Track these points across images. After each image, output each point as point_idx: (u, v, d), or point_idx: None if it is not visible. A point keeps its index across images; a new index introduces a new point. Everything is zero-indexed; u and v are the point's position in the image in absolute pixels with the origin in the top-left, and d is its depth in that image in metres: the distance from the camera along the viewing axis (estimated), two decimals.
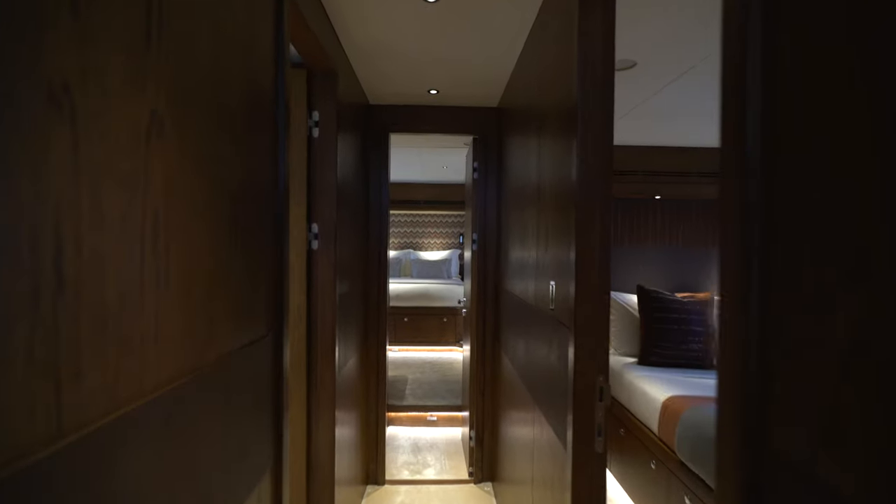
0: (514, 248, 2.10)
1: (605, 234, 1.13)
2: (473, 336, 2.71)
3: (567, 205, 1.20)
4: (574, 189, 1.13)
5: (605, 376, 1.10)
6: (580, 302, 1.10)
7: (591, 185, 1.12)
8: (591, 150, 1.11)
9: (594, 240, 1.12)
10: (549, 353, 1.37)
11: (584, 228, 1.12)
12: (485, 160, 2.68)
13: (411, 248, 6.65)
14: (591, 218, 1.12)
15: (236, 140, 0.81)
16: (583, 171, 1.11)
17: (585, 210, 1.12)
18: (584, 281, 1.11)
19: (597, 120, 1.11)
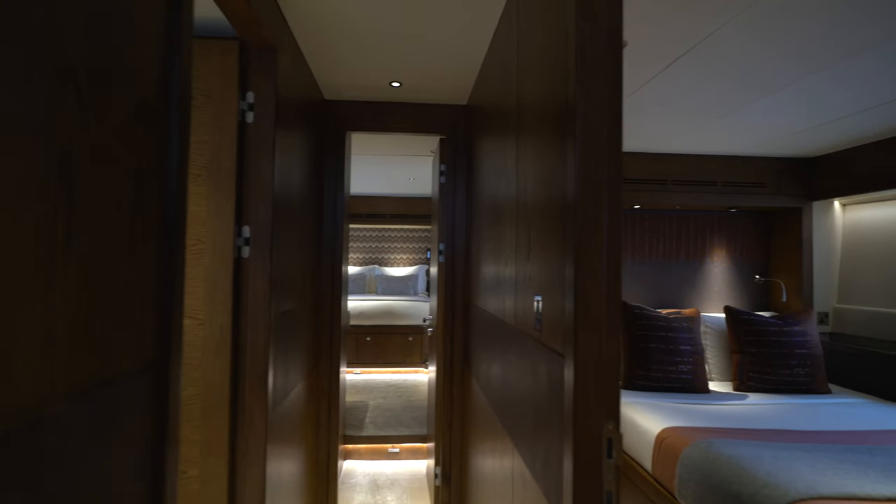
0: (487, 259, 1.82)
1: (615, 242, 0.86)
2: (440, 359, 2.40)
3: (560, 213, 0.94)
4: (571, 199, 0.87)
5: (615, 423, 0.81)
6: (583, 324, 0.82)
7: (595, 194, 0.85)
8: (594, 152, 0.85)
9: (600, 246, 0.85)
10: (535, 386, 1.08)
11: (586, 233, 0.85)
12: (453, 163, 2.41)
13: (376, 263, 6.29)
14: (595, 224, 0.85)
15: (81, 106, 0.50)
16: (584, 176, 0.85)
17: (589, 217, 0.85)
18: (587, 297, 0.83)
19: (603, 121, 0.85)
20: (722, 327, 2.72)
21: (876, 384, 2.54)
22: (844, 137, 2.50)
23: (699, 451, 1.61)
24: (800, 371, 2.40)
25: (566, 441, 0.84)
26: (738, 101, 1.98)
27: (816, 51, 1.58)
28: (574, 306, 0.83)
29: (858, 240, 2.84)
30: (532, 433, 1.10)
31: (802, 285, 2.87)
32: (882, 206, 2.73)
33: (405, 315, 4.85)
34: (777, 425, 1.89)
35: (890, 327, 2.58)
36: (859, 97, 1.95)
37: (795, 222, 2.93)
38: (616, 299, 0.83)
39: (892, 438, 1.77)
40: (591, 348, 0.82)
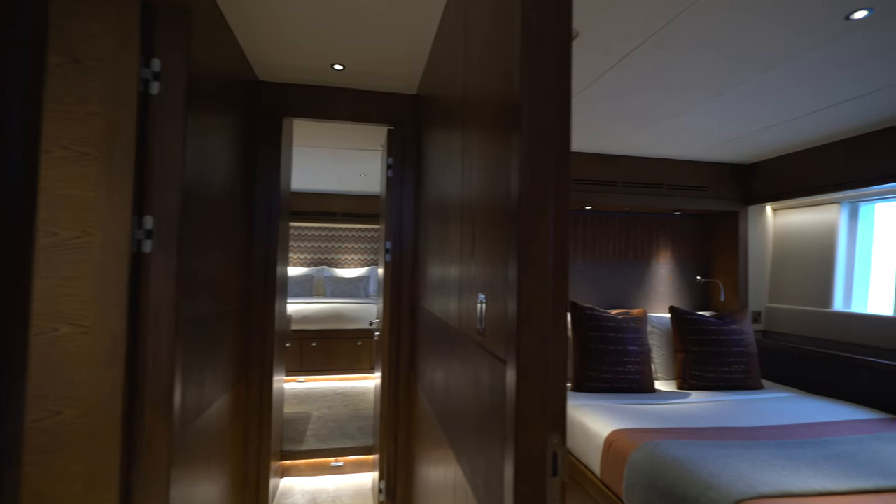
0: (433, 258, 1.71)
1: (562, 240, 0.77)
2: (385, 364, 2.26)
3: (505, 210, 0.84)
4: (515, 196, 0.77)
5: (561, 435, 0.72)
6: (526, 326, 0.73)
7: (541, 191, 0.76)
8: (540, 147, 0.76)
9: (545, 244, 0.76)
10: (477, 395, 0.98)
11: (530, 231, 0.76)
12: (401, 156, 2.29)
13: (326, 264, 6.03)
14: (541, 222, 0.76)
15: None
16: (528, 173, 0.76)
17: (534, 213, 0.76)
18: (531, 297, 0.74)
19: (550, 111, 0.77)
20: (667, 327, 2.77)
21: (802, 379, 2.67)
22: (777, 146, 2.61)
23: (646, 455, 1.58)
24: (737, 368, 2.47)
25: (507, 457, 0.75)
26: (684, 103, 2.00)
27: (752, 58, 1.60)
28: (517, 307, 0.73)
29: (787, 243, 3.00)
30: (474, 447, 1.00)
31: (738, 286, 2.99)
32: (807, 211, 2.89)
33: (355, 318, 4.65)
34: (718, 423, 1.92)
35: (814, 325, 2.73)
36: (788, 107, 2.02)
37: (733, 225, 3.05)
38: (562, 300, 0.75)
39: (817, 431, 1.83)
40: (536, 353, 0.73)
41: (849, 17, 1.37)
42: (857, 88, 1.83)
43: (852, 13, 1.35)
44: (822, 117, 2.15)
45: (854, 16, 1.36)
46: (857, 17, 1.36)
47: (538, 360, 0.73)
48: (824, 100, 1.95)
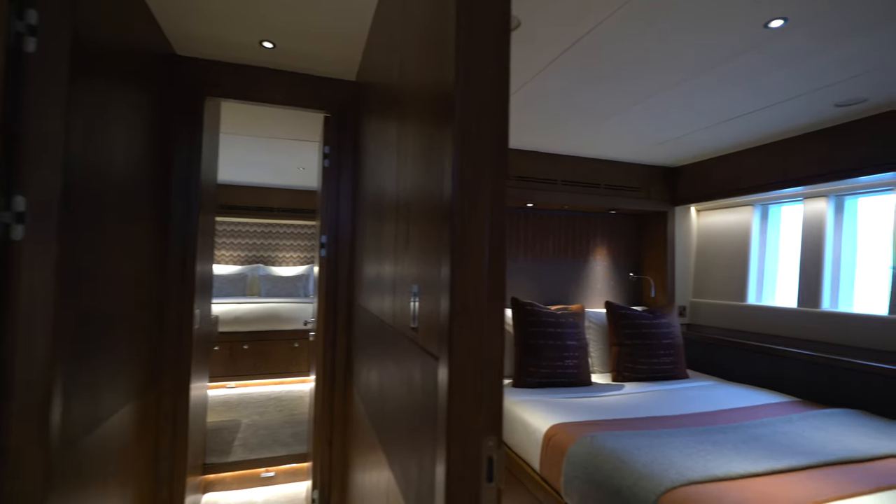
0: (370, 252, 1.61)
1: (499, 227, 0.71)
2: (320, 366, 2.12)
3: (438, 204, 0.77)
4: (448, 192, 0.71)
5: (497, 438, 0.67)
6: (460, 318, 0.66)
7: (476, 187, 0.70)
8: (474, 140, 0.70)
9: (480, 231, 0.70)
10: (410, 396, 0.90)
11: (464, 222, 0.69)
12: (338, 145, 2.16)
13: (261, 262, 5.67)
14: (474, 213, 0.70)
15: None
16: (462, 168, 0.69)
17: (468, 205, 0.70)
18: (465, 288, 0.67)
19: (487, 101, 0.71)
20: (603, 322, 2.86)
21: (722, 367, 2.87)
22: (700, 150, 2.78)
23: (584, 447, 1.59)
24: (665, 360, 2.60)
25: (438, 462, 0.68)
26: (620, 103, 2.05)
27: (680, 61, 1.67)
28: (450, 300, 0.67)
29: (709, 242, 3.21)
30: (406, 452, 0.92)
31: (667, 282, 3.16)
32: (726, 212, 3.11)
33: (291, 318, 4.40)
34: (650, 412, 1.98)
35: (731, 317, 2.94)
36: (710, 113, 2.14)
37: (662, 225, 3.22)
38: (499, 293, 0.69)
39: (737, 416, 1.95)
40: (470, 349, 0.67)
41: (767, 25, 1.45)
42: (770, 97, 1.96)
43: (770, 22, 1.43)
44: (739, 125, 2.30)
45: (771, 24, 1.44)
46: (773, 25, 1.44)
47: (473, 357, 0.67)
48: (742, 107, 2.08)
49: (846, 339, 2.32)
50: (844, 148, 2.20)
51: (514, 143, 2.78)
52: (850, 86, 1.82)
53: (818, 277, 2.51)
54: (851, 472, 1.40)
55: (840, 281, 2.49)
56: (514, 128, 2.47)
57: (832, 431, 1.74)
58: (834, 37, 1.47)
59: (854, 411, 2.00)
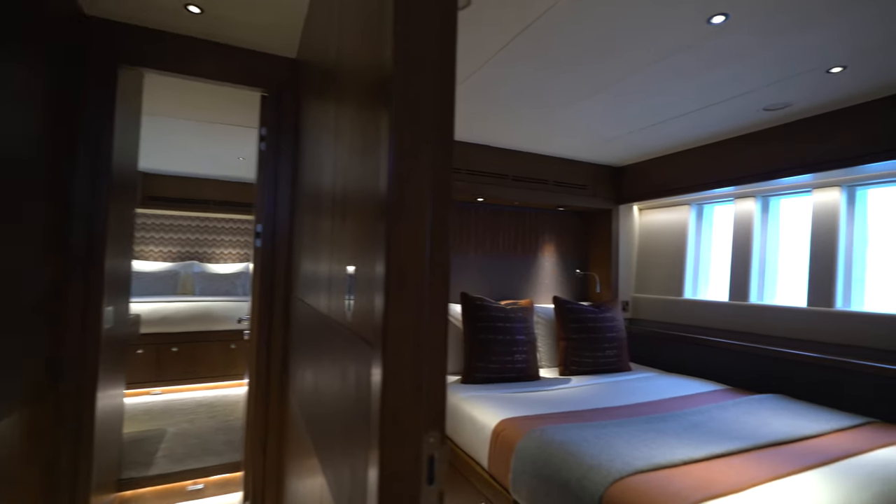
0: (308, 239, 1.49)
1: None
2: (254, 366, 1.95)
3: (375, 201, 0.69)
4: (385, 183, 0.62)
5: (440, 433, 0.59)
6: (397, 294, 0.58)
7: (418, 175, 0.62)
8: (414, 127, 0.62)
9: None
10: (344, 390, 0.81)
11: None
12: (277, 127, 2.01)
13: (196, 259, 5.27)
14: (416, 210, 0.62)
15: None
16: (399, 156, 0.61)
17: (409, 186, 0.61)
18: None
19: (427, 88, 0.63)
20: (551, 317, 2.88)
21: (661, 359, 2.98)
22: (642, 150, 2.87)
23: (532, 441, 1.56)
24: (610, 353, 2.65)
25: (371, 464, 0.59)
26: (570, 96, 2.06)
27: (627, 55, 1.69)
28: (385, 271, 0.58)
29: (649, 239, 3.34)
30: (339, 455, 0.82)
31: (611, 278, 3.24)
32: (666, 211, 3.25)
33: (227, 318, 4.10)
34: (596, 404, 2.00)
35: (670, 311, 3.07)
36: (653, 111, 2.21)
37: (607, 223, 3.30)
38: (442, 264, 0.61)
39: (676, 405, 2.01)
40: (409, 331, 0.58)
41: (710, 20, 1.48)
42: (706, 98, 2.04)
43: (712, 17, 1.47)
44: (678, 125, 2.39)
45: (714, 20, 1.48)
46: (716, 21, 1.48)
47: (412, 340, 0.58)
48: (681, 107, 2.16)
49: (770, 329, 2.47)
50: (770, 151, 2.34)
51: (465, 136, 2.73)
52: (777, 90, 1.93)
53: (747, 273, 2.67)
54: (781, 453, 1.46)
55: (765, 275, 2.66)
56: (465, 118, 2.42)
57: (761, 416, 1.83)
58: (767, 37, 1.54)
59: (778, 396, 2.12)
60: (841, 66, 1.71)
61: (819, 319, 2.28)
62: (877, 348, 2.05)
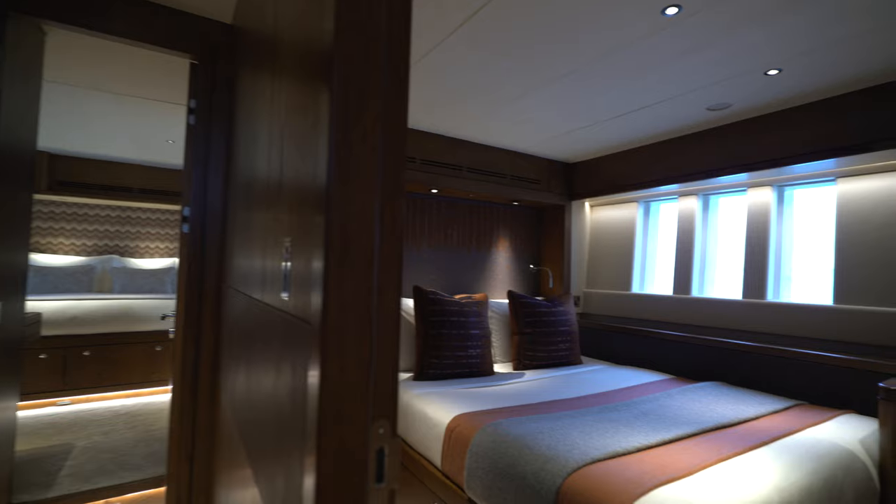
0: (241, 221, 1.32)
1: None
2: (179, 367, 1.74)
3: (316, 182, 0.57)
4: (323, 171, 0.51)
5: (390, 423, 0.49)
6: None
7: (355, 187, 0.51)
8: (356, 109, 0.51)
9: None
10: (278, 382, 0.68)
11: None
12: (209, 99, 1.80)
13: (117, 252, 4.76)
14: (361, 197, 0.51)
15: None
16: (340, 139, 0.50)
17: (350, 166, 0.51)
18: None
19: (374, 64, 0.52)
20: (505, 312, 2.84)
21: (610, 352, 3.05)
22: (593, 146, 2.92)
23: (487, 436, 1.49)
24: (563, 346, 2.66)
25: (308, 463, 0.48)
26: (525, 85, 2.02)
27: (581, 46, 1.67)
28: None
29: (600, 235, 3.42)
30: (273, 458, 0.70)
31: (563, 273, 3.28)
32: (616, 208, 3.33)
33: (151, 318, 3.72)
34: (550, 397, 1.97)
35: (618, 306, 3.15)
36: (605, 106, 2.24)
37: (560, 218, 3.33)
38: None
39: (626, 395, 2.03)
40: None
41: (664, 11, 1.49)
42: (654, 95, 2.09)
43: (666, 8, 1.48)
44: (627, 123, 2.44)
45: (667, 11, 1.49)
46: (669, 13, 1.49)
47: (358, 313, 0.48)
48: (630, 103, 2.20)
49: (710, 321, 2.58)
50: (711, 151, 2.45)
51: (419, 124, 2.64)
52: (720, 90, 2.00)
53: (689, 267, 2.78)
54: (725, 436, 1.50)
55: (706, 270, 2.78)
56: (419, 106, 2.33)
57: (705, 402, 1.88)
58: (713, 34, 1.57)
59: (717, 383, 2.21)
60: (777, 68, 1.80)
61: (753, 310, 2.41)
62: (802, 336, 2.19)
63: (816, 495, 1.21)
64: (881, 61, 1.69)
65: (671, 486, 1.11)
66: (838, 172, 2.20)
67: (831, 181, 2.27)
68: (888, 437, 1.37)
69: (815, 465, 1.30)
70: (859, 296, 2.05)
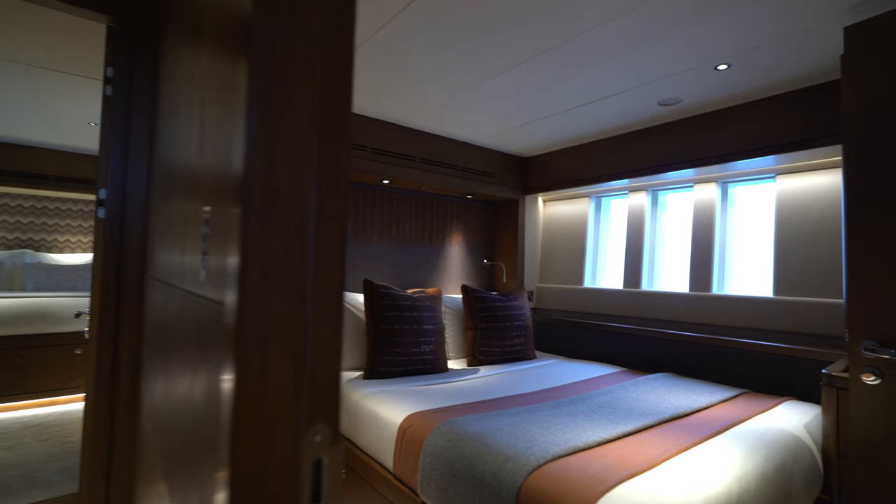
0: (163, 204, 1.15)
1: None
2: (94, 370, 1.52)
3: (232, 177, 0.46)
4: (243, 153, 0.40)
5: (331, 427, 0.39)
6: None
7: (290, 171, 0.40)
8: (286, 87, 0.40)
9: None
10: (194, 379, 0.56)
11: None
12: (129, 68, 1.59)
13: (30, 247, 4.24)
14: None
15: None
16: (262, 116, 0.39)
17: None
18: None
19: (308, 33, 0.42)
20: (459, 306, 2.78)
21: (563, 346, 3.06)
22: (546, 140, 2.92)
23: (442, 436, 1.40)
24: (517, 341, 2.63)
25: (220, 481, 0.37)
26: (478, 73, 1.96)
27: (533, 34, 1.63)
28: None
29: (553, 230, 3.43)
30: (186, 474, 0.57)
31: (517, 267, 3.26)
32: (568, 203, 3.36)
33: (68, 318, 3.33)
34: (506, 392, 1.92)
35: (571, 300, 3.18)
36: (557, 99, 2.22)
37: (514, 213, 3.32)
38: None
39: (582, 388, 2.03)
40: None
41: None
42: (606, 88, 2.09)
43: None
44: (578, 117, 2.44)
45: None
46: None
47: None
48: (581, 96, 2.20)
49: (660, 313, 2.65)
50: (661, 146, 2.51)
51: (370, 111, 2.51)
52: (672, 84, 2.04)
53: (639, 262, 2.84)
54: (682, 426, 1.50)
55: (655, 264, 2.86)
56: (369, 91, 2.20)
57: (658, 393, 1.91)
58: (667, 25, 1.57)
59: (667, 374, 2.26)
60: (727, 63, 1.84)
61: (699, 303, 2.49)
62: (746, 327, 2.29)
63: (771, 483, 1.23)
64: (820, 60, 1.78)
65: (634, 482, 1.07)
66: (778, 170, 2.31)
67: (771, 178, 2.38)
68: (830, 422, 1.43)
69: (768, 451, 1.33)
70: (797, 288, 2.16)
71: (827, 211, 2.11)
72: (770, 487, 1.22)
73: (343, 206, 0.40)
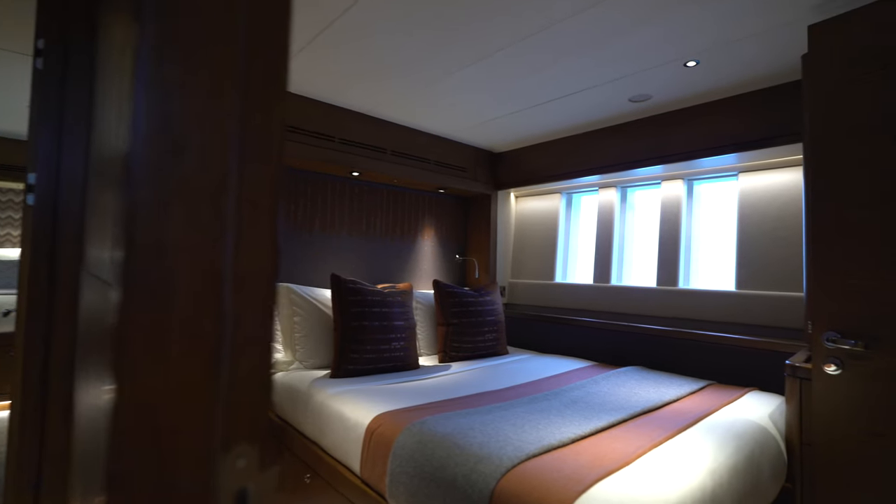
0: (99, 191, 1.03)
1: None
2: (21, 373, 1.36)
3: None
4: None
5: (258, 448, 0.31)
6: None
7: None
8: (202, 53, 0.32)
9: None
10: (99, 384, 0.46)
11: None
12: (63, 38, 1.43)
13: None
14: None
15: None
16: None
17: None
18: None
19: None
20: (430, 303, 2.71)
21: (535, 341, 3.04)
22: (518, 136, 2.89)
23: (412, 436, 1.33)
24: (489, 336, 2.59)
25: None
26: (446, 65, 1.89)
27: (507, 22, 1.58)
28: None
29: (525, 225, 3.41)
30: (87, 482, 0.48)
31: (489, 263, 3.22)
32: (539, 199, 3.34)
33: None
34: (478, 389, 1.87)
35: (542, 295, 3.16)
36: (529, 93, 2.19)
37: (486, 208, 3.27)
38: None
39: (554, 383, 2.00)
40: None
41: None
42: (577, 83, 2.07)
43: None
44: (549, 112, 2.42)
45: None
46: None
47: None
48: (552, 91, 2.17)
49: (628, 307, 2.66)
50: (630, 143, 2.51)
51: (338, 100, 2.40)
52: (642, 80, 2.03)
53: (609, 257, 2.85)
54: (653, 420, 1.49)
55: (623, 259, 2.87)
56: (337, 78, 2.10)
57: (629, 387, 1.90)
58: (637, 19, 1.55)
59: (636, 368, 2.27)
60: (696, 59, 1.84)
61: (666, 297, 2.51)
62: (710, 320, 2.32)
63: (742, 474, 1.22)
64: (785, 59, 1.80)
65: (610, 480, 1.03)
66: (740, 168, 2.35)
67: (734, 176, 2.42)
68: (794, 412, 1.45)
69: (738, 443, 1.33)
70: (758, 282, 2.20)
71: (786, 208, 2.16)
72: (741, 479, 1.21)
73: (274, 169, 0.33)
